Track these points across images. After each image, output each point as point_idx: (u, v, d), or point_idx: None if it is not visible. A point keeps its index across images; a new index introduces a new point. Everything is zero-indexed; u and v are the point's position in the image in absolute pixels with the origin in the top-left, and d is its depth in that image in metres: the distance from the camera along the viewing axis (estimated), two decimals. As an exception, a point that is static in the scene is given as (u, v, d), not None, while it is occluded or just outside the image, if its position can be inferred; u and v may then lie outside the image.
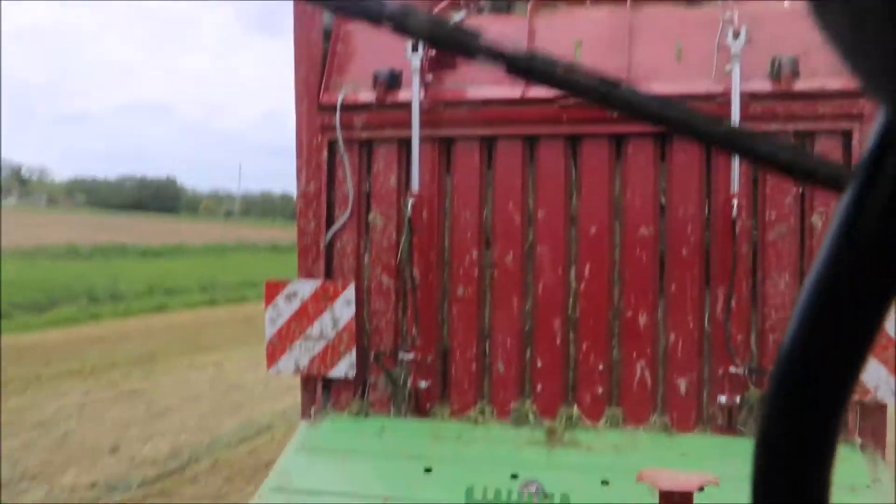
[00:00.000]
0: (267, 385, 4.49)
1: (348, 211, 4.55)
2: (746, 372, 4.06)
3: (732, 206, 4.08)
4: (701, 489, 2.92)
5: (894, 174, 0.42)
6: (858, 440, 3.89)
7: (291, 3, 4.64)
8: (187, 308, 22.48)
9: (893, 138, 0.42)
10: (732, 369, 4.07)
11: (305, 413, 4.58)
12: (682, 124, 0.47)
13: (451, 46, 0.48)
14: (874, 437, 3.95)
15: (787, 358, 0.45)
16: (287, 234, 4.99)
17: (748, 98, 4.02)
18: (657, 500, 2.93)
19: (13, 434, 9.32)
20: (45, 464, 8.35)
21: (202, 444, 9.36)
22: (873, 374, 3.82)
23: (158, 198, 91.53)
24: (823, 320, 0.44)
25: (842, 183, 0.44)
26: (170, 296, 24.59)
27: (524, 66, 0.47)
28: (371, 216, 4.60)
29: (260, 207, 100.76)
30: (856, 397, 3.80)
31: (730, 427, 4.11)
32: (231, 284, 27.10)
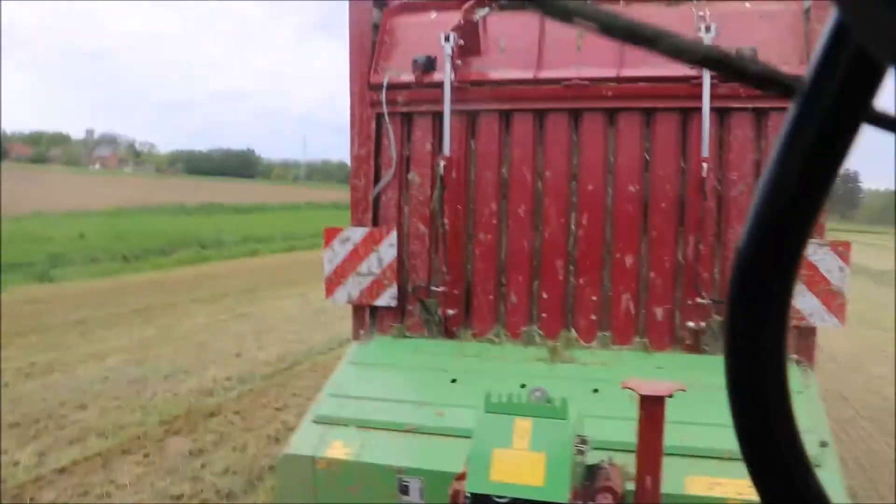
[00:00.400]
0: (344, 310, 5.23)
1: (392, 171, 5.09)
2: (711, 302, 4.56)
3: (703, 168, 4.58)
4: (671, 395, 3.27)
5: (841, 75, 0.43)
6: (794, 356, 4.42)
7: (347, 4, 5.13)
8: (273, 253, 27.01)
9: (841, 39, 0.43)
10: (699, 300, 4.58)
11: (356, 335, 5.14)
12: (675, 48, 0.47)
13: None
14: (806, 354, 4.48)
15: (744, 251, 0.47)
16: (344, 195, 5.56)
17: (715, 80, 4.52)
18: (637, 403, 3.27)
19: (162, 344, 12.34)
20: (192, 363, 11.00)
21: (301, 351, 11.89)
22: (807, 303, 4.34)
23: (240, 166, 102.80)
24: (774, 211, 0.46)
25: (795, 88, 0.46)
26: (260, 243, 29.40)
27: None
28: (410, 175, 5.12)
29: (321, 173, 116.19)
30: (793, 322, 4.33)
31: (696, 347, 4.63)
32: (305, 234, 31.48)
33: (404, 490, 3.91)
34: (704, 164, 4.60)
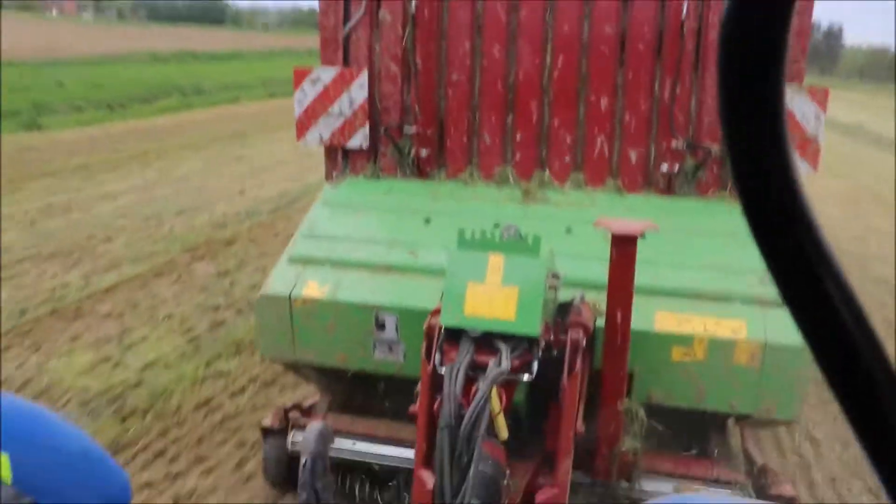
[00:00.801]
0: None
1: (362, 9, 4.89)
2: (685, 146, 4.59)
3: (682, 9, 4.51)
4: (643, 235, 3.31)
5: None
6: None
7: None
8: (254, 100, 26.95)
9: None
10: (674, 144, 4.60)
11: (328, 176, 5.15)
12: None
13: None
14: None
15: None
16: (317, 41, 5.45)
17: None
18: (610, 242, 3.32)
19: (165, 185, 13.19)
20: (199, 201, 12.00)
21: (298, 189, 12.57)
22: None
23: (205, 12, 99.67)
24: None
25: None
26: (241, 90, 29.49)
27: None
28: (381, 13, 4.92)
29: (291, 19, 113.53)
30: None
31: (669, 189, 4.69)
32: (284, 81, 29.78)
33: (380, 326, 4.00)
34: (684, 5, 4.52)
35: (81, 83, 26.50)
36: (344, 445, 4.08)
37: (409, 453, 3.81)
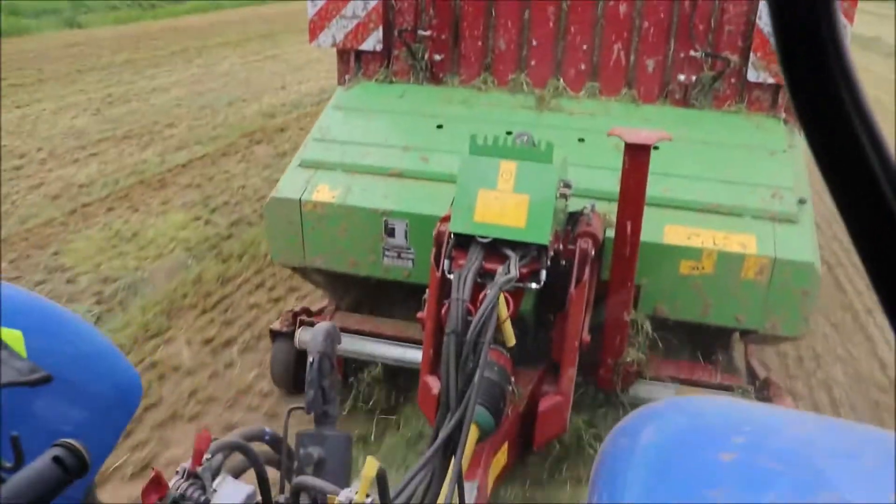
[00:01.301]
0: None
1: None
2: (703, 56, 4.47)
3: None
4: (656, 147, 3.29)
5: None
6: (783, 115, 4.45)
7: None
8: (281, 1, 26.44)
9: None
10: (692, 53, 4.48)
11: (341, 80, 5.07)
12: None
13: None
14: (793, 113, 4.59)
15: None
16: None
17: None
18: (623, 152, 3.30)
19: (210, 80, 14.25)
20: (245, 94, 13.02)
21: (335, 87, 12.42)
22: None
23: None
24: None
25: None
26: None
27: None
28: None
29: None
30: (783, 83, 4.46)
31: (685, 100, 4.59)
32: None
33: (390, 232, 4.02)
34: None
35: (111, -20, 27.75)
36: (351, 344, 4.15)
37: (415, 352, 3.88)
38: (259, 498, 1.51)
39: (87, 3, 22.96)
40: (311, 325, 4.36)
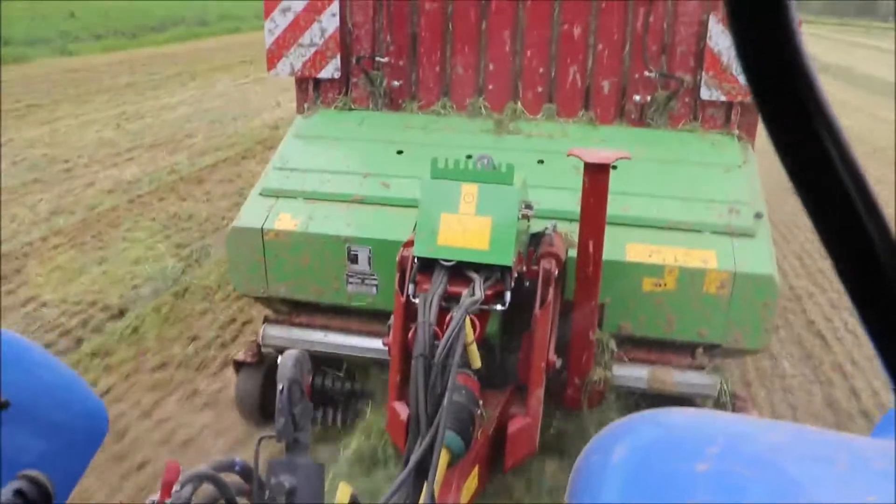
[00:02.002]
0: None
1: None
2: (657, 76, 4.56)
3: None
4: (614, 167, 3.33)
5: None
6: (736, 132, 4.53)
7: None
8: (253, 31, 27.96)
9: None
10: (647, 73, 4.57)
11: (300, 108, 5.08)
12: None
13: None
14: (748, 130, 4.57)
15: None
16: None
17: None
18: (582, 173, 3.32)
19: (210, 99, 15.51)
20: (246, 111, 14.26)
21: None
22: None
23: None
24: None
25: None
26: (240, 22, 31.68)
27: None
28: None
29: None
30: (738, 97, 4.42)
31: (641, 120, 4.67)
32: None
33: (353, 259, 4.00)
34: None
35: (91, 13, 28.61)
36: (316, 338, 4.13)
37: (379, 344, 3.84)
38: None
39: (73, 33, 24.51)
40: (276, 322, 4.36)
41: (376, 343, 3.85)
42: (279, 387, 1.74)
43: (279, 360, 1.79)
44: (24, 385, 1.17)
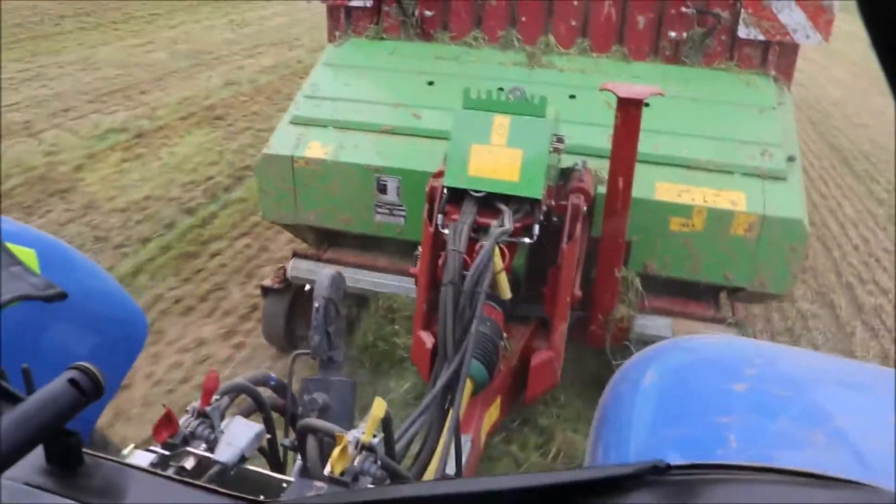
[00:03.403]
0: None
1: None
2: (694, 12, 4.45)
3: None
4: (647, 104, 3.28)
5: None
6: (773, 73, 4.46)
7: None
8: None
9: None
10: (683, 9, 4.47)
11: (331, 37, 5.05)
12: None
13: None
14: (785, 72, 4.50)
15: None
16: None
17: None
18: (614, 110, 3.29)
19: (297, 13, 15.88)
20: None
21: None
22: (793, 17, 4.25)
23: None
24: None
25: None
26: None
27: None
28: None
29: None
30: (776, 38, 4.36)
31: (675, 57, 4.59)
32: None
33: (382, 189, 4.01)
34: None
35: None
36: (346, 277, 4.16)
37: (408, 281, 3.88)
38: (267, 436, 1.53)
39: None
40: (304, 257, 4.39)
41: (405, 282, 3.89)
42: (315, 305, 1.76)
43: (316, 279, 1.82)
44: (71, 286, 1.19)
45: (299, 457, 1.52)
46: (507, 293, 3.04)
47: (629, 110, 3.27)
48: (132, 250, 5.94)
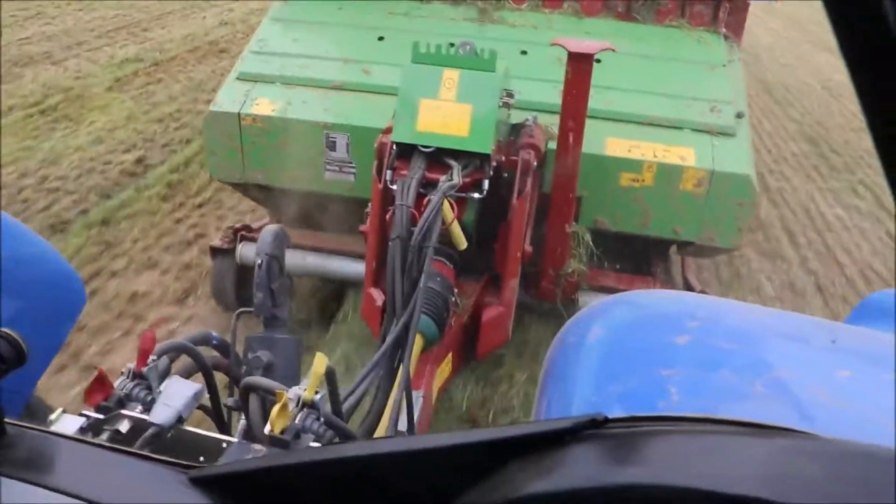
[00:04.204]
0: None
1: None
2: None
3: None
4: (598, 60, 3.29)
5: None
6: (723, 31, 4.48)
7: None
8: None
9: None
10: None
11: None
12: None
13: None
14: (735, 29, 4.53)
15: None
16: None
17: None
18: (565, 65, 3.29)
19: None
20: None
21: None
22: None
23: None
24: None
25: None
26: None
27: None
28: None
29: None
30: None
31: (628, 14, 4.57)
32: None
33: (331, 146, 3.97)
34: None
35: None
36: (294, 259, 4.12)
37: (357, 265, 3.88)
38: (207, 395, 1.50)
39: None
40: (253, 241, 4.31)
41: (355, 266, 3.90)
42: (257, 261, 1.73)
43: (259, 235, 1.78)
44: None
45: (243, 417, 1.50)
46: (462, 243, 3.04)
47: (580, 65, 3.25)
48: (179, 148, 6.97)
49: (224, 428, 1.63)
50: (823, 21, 0.48)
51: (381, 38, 4.43)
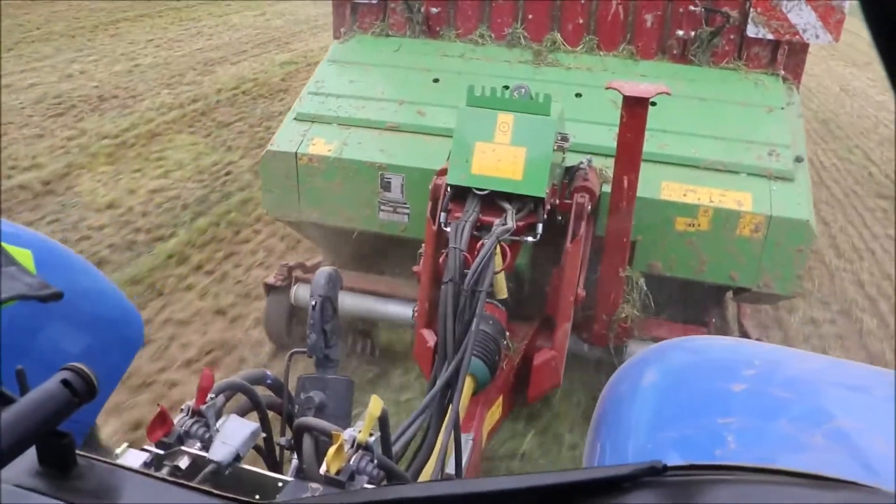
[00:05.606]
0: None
1: None
2: (702, 10, 4.39)
3: None
4: (653, 103, 3.28)
5: None
6: (781, 72, 4.42)
7: None
8: None
9: None
10: (691, 7, 4.41)
11: (336, 33, 5.01)
12: None
13: None
14: (794, 71, 4.46)
15: None
16: None
17: None
18: (620, 108, 3.22)
19: (274, 19, 15.56)
20: (306, 27, 14.58)
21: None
22: (803, 17, 4.21)
23: None
24: None
25: None
26: None
27: None
28: None
29: None
30: (786, 37, 4.36)
31: (683, 56, 4.54)
32: None
33: (386, 186, 4.00)
34: None
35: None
36: (347, 301, 4.14)
37: (409, 309, 3.89)
38: (263, 435, 1.52)
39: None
40: (307, 281, 4.35)
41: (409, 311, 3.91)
42: (311, 302, 1.75)
43: (314, 277, 1.80)
44: (67, 286, 1.18)
45: (296, 456, 1.51)
46: (503, 293, 3.03)
47: (635, 109, 3.23)
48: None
49: (276, 467, 1.64)
50: (854, 42, 0.49)
51: (436, 80, 4.47)
